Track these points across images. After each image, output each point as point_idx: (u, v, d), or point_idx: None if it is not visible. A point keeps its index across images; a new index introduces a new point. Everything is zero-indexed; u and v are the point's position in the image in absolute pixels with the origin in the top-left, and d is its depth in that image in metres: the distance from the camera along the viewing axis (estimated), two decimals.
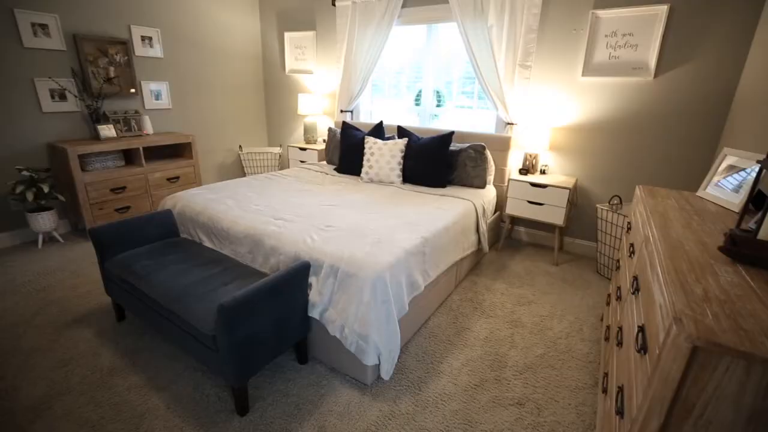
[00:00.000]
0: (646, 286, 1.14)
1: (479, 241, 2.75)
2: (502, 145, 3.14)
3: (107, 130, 3.30)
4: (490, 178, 3.12)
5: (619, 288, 1.68)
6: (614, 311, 1.65)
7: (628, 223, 1.96)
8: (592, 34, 2.73)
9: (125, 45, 3.46)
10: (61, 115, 3.21)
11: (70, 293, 2.41)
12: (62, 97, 3.17)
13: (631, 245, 1.64)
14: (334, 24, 3.97)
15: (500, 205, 3.25)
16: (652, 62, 2.58)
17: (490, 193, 3.03)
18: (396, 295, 1.74)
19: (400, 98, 3.96)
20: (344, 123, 3.43)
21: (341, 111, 4.07)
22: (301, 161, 4.18)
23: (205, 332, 1.49)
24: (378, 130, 3.35)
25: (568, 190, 2.77)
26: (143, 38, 3.61)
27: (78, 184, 3.02)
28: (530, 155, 3.12)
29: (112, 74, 3.42)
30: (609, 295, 1.98)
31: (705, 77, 2.47)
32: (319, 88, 4.36)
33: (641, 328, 1.02)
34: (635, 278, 1.33)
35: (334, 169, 3.45)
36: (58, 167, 3.14)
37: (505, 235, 3.31)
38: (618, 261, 1.97)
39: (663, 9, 2.47)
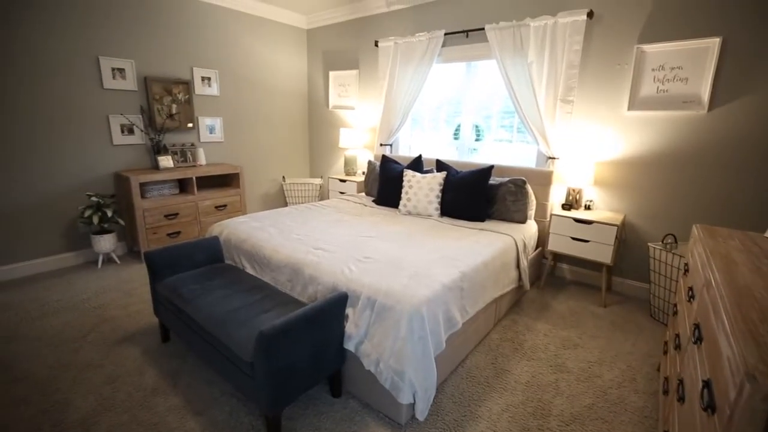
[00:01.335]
0: (709, 335, 1.04)
1: (520, 278, 2.66)
2: (544, 179, 3.08)
3: (166, 161, 3.59)
4: (531, 212, 3.04)
5: (677, 335, 1.54)
6: (673, 361, 1.51)
7: (686, 264, 1.82)
8: (638, 68, 2.68)
9: (187, 85, 3.82)
10: (128, 147, 3.54)
11: (122, 312, 2.56)
12: (130, 131, 3.52)
13: (690, 289, 1.52)
14: (377, 63, 4.17)
15: (542, 240, 3.14)
16: (705, 95, 2.47)
17: (531, 229, 2.94)
18: (433, 330, 1.70)
19: (439, 132, 4.02)
20: (384, 156, 3.52)
21: (381, 144, 4.18)
22: (341, 192, 4.30)
23: (244, 358, 1.52)
24: (417, 164, 3.41)
25: (616, 227, 2.64)
26: (203, 78, 3.97)
27: (137, 209, 3.27)
28: (573, 190, 3.03)
29: (174, 111, 3.76)
30: (666, 343, 1.82)
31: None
32: (360, 123, 4.54)
33: (706, 383, 0.93)
34: (696, 326, 1.22)
35: (373, 201, 3.51)
36: (121, 194, 3.43)
37: (548, 273, 3.16)
38: (675, 305, 1.83)
39: (715, 42, 2.39)
